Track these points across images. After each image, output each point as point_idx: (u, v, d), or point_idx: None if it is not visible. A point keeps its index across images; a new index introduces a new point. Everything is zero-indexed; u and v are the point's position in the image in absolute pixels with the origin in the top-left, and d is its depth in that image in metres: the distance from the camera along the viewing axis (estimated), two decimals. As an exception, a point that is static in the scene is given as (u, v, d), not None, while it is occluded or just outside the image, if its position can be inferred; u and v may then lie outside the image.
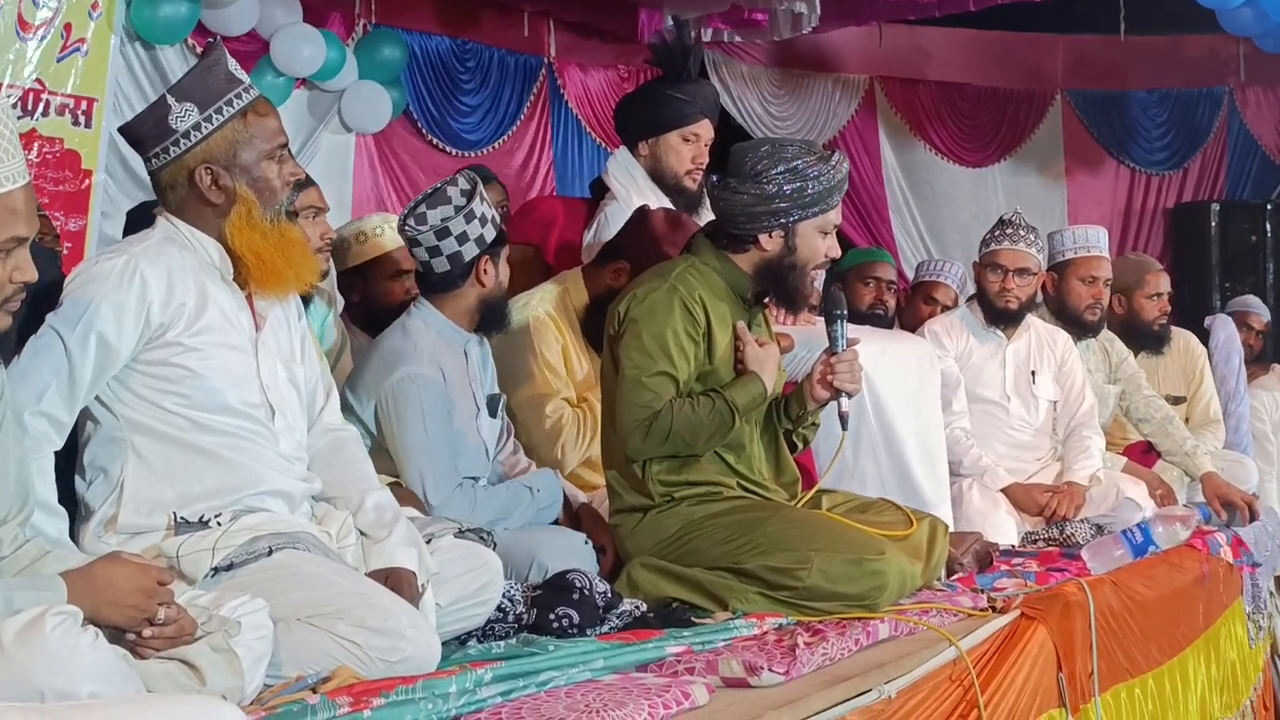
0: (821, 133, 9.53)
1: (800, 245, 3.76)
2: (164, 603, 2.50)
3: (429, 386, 3.84)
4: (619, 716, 2.48)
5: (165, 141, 3.02)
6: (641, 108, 5.03)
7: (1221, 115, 10.39)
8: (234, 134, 3.03)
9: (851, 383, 3.78)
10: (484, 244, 3.96)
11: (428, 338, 3.92)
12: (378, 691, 2.50)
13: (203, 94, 3.03)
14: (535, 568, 3.62)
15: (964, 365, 5.39)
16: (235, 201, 3.03)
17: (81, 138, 5.67)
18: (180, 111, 3.01)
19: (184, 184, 3.04)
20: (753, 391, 3.72)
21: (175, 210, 3.07)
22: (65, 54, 5.62)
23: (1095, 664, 3.97)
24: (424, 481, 3.76)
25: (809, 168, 3.72)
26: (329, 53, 7.11)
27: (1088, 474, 5.29)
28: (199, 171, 3.02)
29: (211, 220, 3.05)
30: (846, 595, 3.48)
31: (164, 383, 2.96)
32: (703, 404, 3.67)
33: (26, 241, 2.50)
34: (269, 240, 3.06)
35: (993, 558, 4.39)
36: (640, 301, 3.72)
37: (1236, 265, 9.82)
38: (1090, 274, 5.70)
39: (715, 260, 3.81)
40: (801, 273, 3.78)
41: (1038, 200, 9.85)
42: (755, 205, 3.73)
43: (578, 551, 3.71)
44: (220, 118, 3.02)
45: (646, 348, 3.67)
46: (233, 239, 3.04)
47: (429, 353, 3.88)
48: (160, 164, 3.05)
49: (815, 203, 3.72)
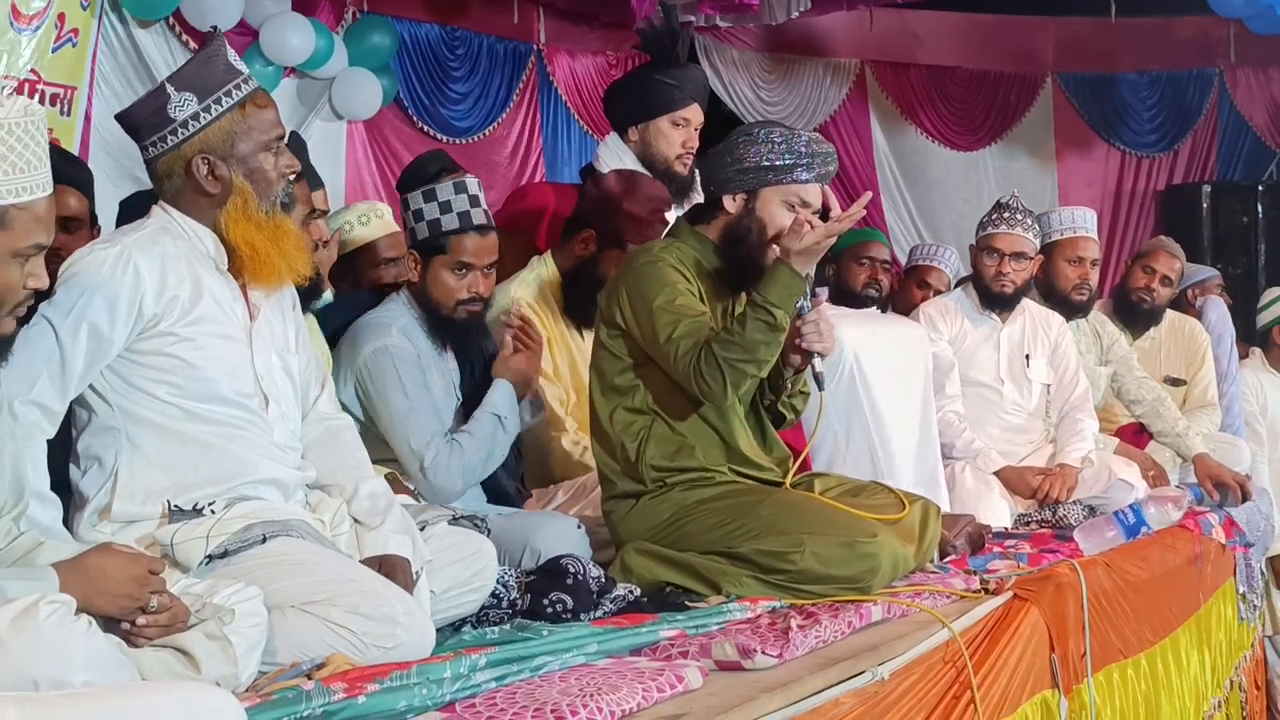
0: (813, 117, 9.54)
1: (760, 211, 3.74)
2: (156, 591, 2.50)
3: (401, 354, 3.85)
4: (613, 700, 2.48)
5: (163, 130, 3.02)
6: (630, 94, 5.03)
7: (1212, 97, 10.40)
8: (232, 125, 3.03)
9: (820, 342, 3.71)
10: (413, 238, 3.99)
11: (402, 320, 3.94)
12: (372, 677, 2.51)
13: (202, 84, 3.02)
14: (528, 552, 3.62)
15: (958, 348, 5.39)
16: (231, 192, 3.03)
17: (63, 126, 5.67)
18: (179, 100, 3.01)
19: (180, 173, 3.03)
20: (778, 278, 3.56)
21: (171, 200, 3.07)
22: (59, 44, 5.63)
23: (1088, 645, 3.98)
24: (411, 443, 3.76)
25: (779, 136, 3.74)
26: (318, 41, 7.11)
27: (1080, 456, 5.29)
28: (196, 161, 3.02)
29: (207, 210, 3.05)
30: (839, 578, 3.49)
31: (158, 372, 2.96)
32: (736, 324, 3.57)
33: (44, 249, 2.51)
34: (263, 232, 3.06)
35: (985, 540, 4.40)
36: (631, 270, 3.74)
37: (1228, 247, 9.83)
38: (1076, 254, 5.70)
39: (692, 238, 3.82)
40: (758, 242, 3.73)
41: (1028, 183, 9.88)
42: (724, 169, 3.77)
43: (570, 536, 3.71)
44: (219, 108, 3.02)
45: (658, 283, 3.65)
46: (228, 230, 3.04)
47: (401, 330, 3.90)
48: (157, 152, 3.04)
49: (780, 171, 3.71)
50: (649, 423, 3.75)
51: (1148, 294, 6.27)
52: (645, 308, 3.66)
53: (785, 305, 3.55)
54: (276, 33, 6.92)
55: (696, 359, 3.55)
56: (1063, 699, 3.79)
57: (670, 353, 3.60)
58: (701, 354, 3.54)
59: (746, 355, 3.53)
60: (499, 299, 4.48)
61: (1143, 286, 6.27)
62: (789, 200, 3.73)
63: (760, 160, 3.73)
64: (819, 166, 3.75)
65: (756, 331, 3.52)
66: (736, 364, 3.53)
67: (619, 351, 3.78)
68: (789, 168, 3.72)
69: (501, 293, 4.52)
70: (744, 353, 3.53)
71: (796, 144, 3.74)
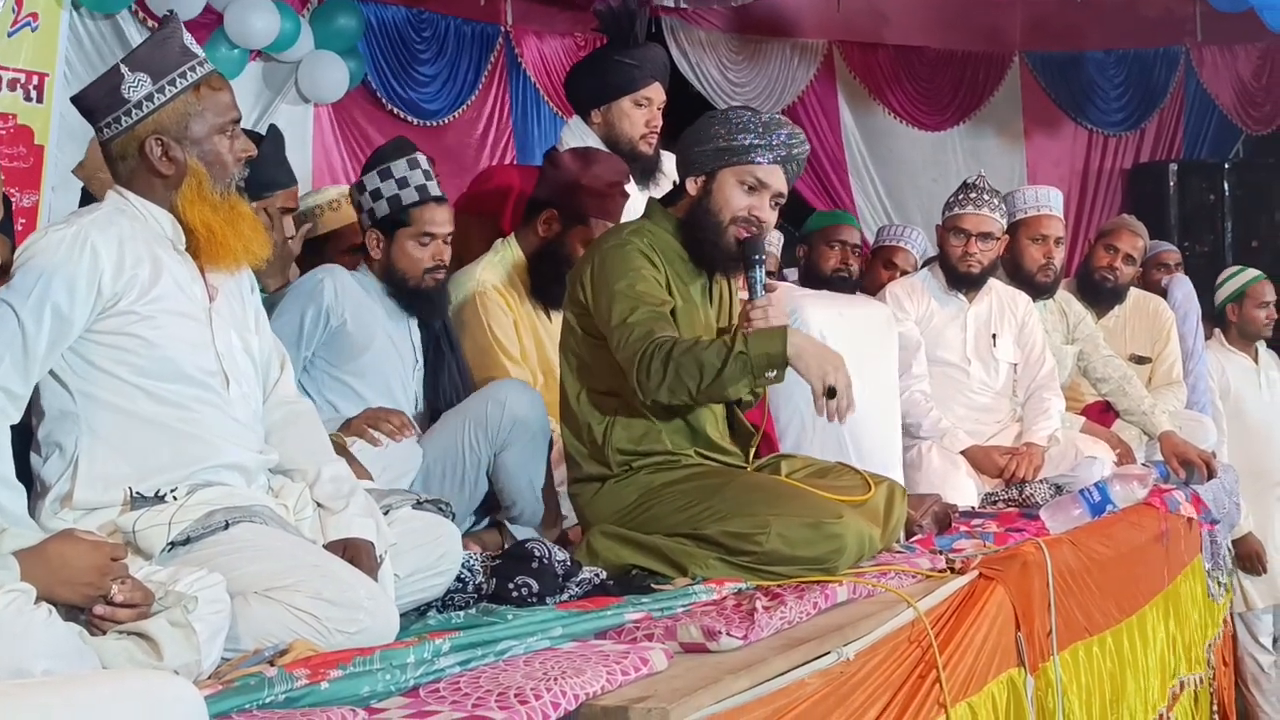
0: (780, 98, 9.52)
1: (715, 192, 3.74)
2: (118, 578, 2.49)
3: (300, 292, 3.98)
4: (578, 684, 2.48)
5: (116, 111, 3.02)
6: (591, 75, 5.03)
7: (1178, 75, 10.41)
8: (186, 106, 3.03)
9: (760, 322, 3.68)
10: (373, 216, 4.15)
11: (351, 290, 4.04)
12: (335, 663, 2.50)
13: (156, 65, 3.02)
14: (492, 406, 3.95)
15: (925, 328, 5.40)
16: (185, 174, 3.04)
17: (34, 113, 5.65)
18: (133, 81, 3.00)
19: (134, 155, 3.03)
20: (768, 343, 3.52)
21: (125, 181, 3.06)
22: (16, 29, 5.59)
23: (1053, 623, 3.99)
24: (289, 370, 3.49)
25: (738, 117, 3.77)
26: (283, 24, 7.06)
27: (1046, 435, 5.31)
28: (149, 142, 3.01)
29: (162, 192, 3.05)
30: (805, 559, 3.49)
31: (119, 352, 2.95)
32: (707, 342, 3.55)
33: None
34: (219, 213, 3.06)
35: (951, 519, 4.42)
36: (599, 252, 3.74)
37: (1194, 225, 9.86)
38: (1040, 233, 5.72)
39: (663, 219, 3.82)
40: (715, 222, 3.73)
41: (997, 163, 9.88)
42: (687, 150, 3.81)
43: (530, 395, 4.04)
44: (173, 89, 3.02)
45: (622, 266, 3.65)
46: (184, 211, 3.04)
47: (336, 291, 3.99)
48: (111, 134, 3.04)
49: (737, 152, 3.72)
50: (616, 406, 3.75)
51: (1111, 273, 6.29)
52: (606, 290, 3.65)
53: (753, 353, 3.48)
54: (241, 16, 6.87)
55: (646, 349, 3.52)
56: (1029, 677, 3.81)
57: (622, 337, 3.58)
58: (655, 347, 3.51)
59: (695, 369, 3.48)
60: (464, 282, 4.47)
61: (1106, 265, 6.29)
62: (745, 181, 3.73)
63: (719, 142, 3.74)
64: (781, 149, 3.74)
65: (720, 364, 3.47)
66: (683, 374, 3.48)
67: (587, 331, 3.78)
68: (746, 149, 3.72)
69: (467, 276, 4.52)
70: (695, 368, 3.48)
71: (756, 124, 3.74)
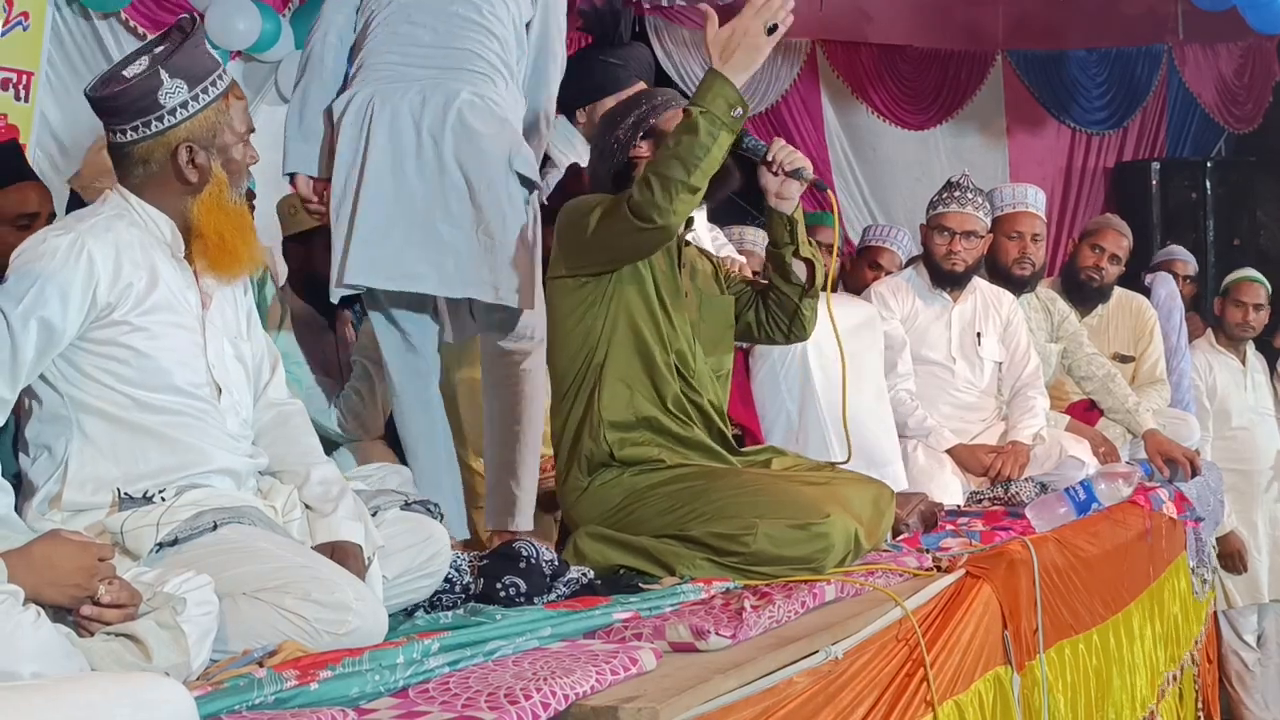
0: (764, 97, 9.51)
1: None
2: (105, 579, 2.48)
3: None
4: (567, 684, 2.48)
5: (149, 115, 2.99)
6: (576, 76, 5.01)
7: (1161, 74, 10.43)
8: (216, 115, 3.04)
9: (798, 161, 3.74)
10: None
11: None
12: (324, 664, 2.50)
13: (192, 71, 3.01)
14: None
15: (910, 327, 5.41)
16: (208, 181, 3.04)
17: (19, 112, 5.63)
18: (171, 87, 2.98)
19: (159, 160, 3.01)
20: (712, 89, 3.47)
21: (136, 185, 3.04)
22: (8, 28, 5.57)
23: (1040, 621, 4.00)
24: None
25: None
26: (264, 25, 7.02)
27: (1031, 433, 5.33)
28: (180, 149, 3.00)
29: (175, 198, 3.04)
30: (793, 559, 3.49)
31: (110, 361, 2.94)
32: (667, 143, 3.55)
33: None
34: (232, 221, 3.07)
35: (938, 518, 4.43)
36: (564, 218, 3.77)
37: (1177, 223, 9.88)
38: (1015, 229, 5.75)
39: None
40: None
41: (980, 161, 9.88)
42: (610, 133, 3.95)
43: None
44: (205, 97, 3.02)
45: (587, 205, 3.68)
46: (200, 218, 3.04)
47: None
48: (138, 137, 3.01)
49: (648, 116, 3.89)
50: (600, 407, 3.74)
51: (1096, 272, 6.31)
52: (581, 227, 3.66)
53: (705, 103, 3.47)
54: (223, 17, 6.83)
55: (624, 196, 3.54)
56: (1015, 675, 3.82)
57: (605, 211, 3.60)
58: (632, 188, 3.53)
59: (670, 155, 3.46)
60: None
61: (1091, 265, 6.31)
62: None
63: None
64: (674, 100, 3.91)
65: (682, 131, 3.47)
66: (663, 170, 3.46)
67: (577, 330, 3.78)
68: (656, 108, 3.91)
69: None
70: (669, 156, 3.47)
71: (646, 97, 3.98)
